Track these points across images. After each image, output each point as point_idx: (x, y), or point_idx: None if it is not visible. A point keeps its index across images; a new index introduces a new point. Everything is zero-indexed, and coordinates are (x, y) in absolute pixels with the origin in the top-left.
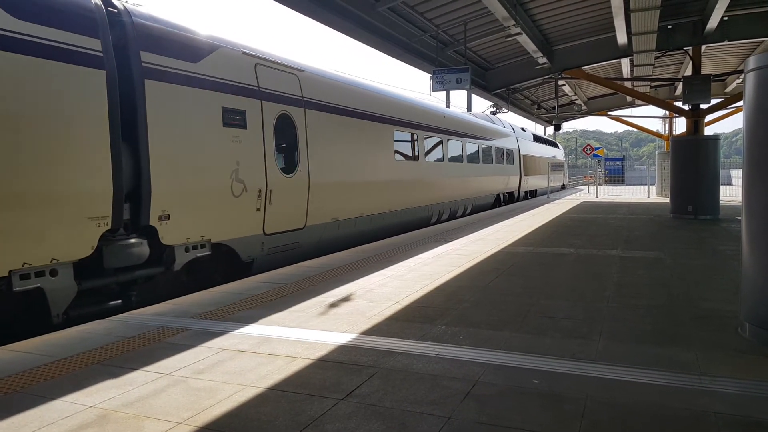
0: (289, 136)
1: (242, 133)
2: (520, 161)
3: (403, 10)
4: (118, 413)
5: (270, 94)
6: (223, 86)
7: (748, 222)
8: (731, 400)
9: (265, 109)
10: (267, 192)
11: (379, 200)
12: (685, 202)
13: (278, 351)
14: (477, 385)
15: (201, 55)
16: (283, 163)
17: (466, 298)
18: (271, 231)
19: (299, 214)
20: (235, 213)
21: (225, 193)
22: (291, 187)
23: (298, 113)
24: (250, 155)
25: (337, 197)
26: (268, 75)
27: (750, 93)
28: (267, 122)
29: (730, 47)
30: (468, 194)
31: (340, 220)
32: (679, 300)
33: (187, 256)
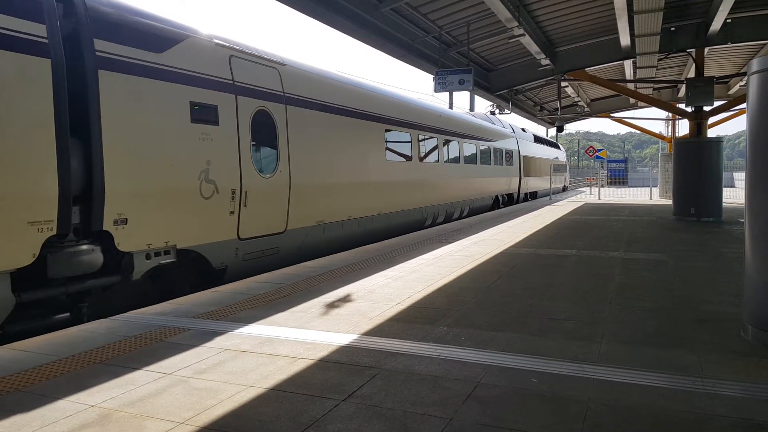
0: (267, 134)
1: (213, 130)
2: (519, 162)
3: (406, 11)
4: (119, 413)
5: (246, 89)
6: (191, 79)
7: (751, 224)
8: (734, 403)
9: (240, 104)
10: (242, 194)
11: (369, 202)
12: (688, 204)
13: (280, 351)
14: (479, 387)
15: (166, 45)
16: (260, 162)
17: (468, 299)
18: (246, 235)
19: (279, 218)
20: (204, 216)
21: (193, 195)
22: (270, 189)
23: (279, 110)
24: (223, 154)
25: (322, 199)
26: (245, 68)
27: (753, 95)
28: (242, 119)
29: (734, 49)
30: (465, 196)
31: (325, 224)
32: (681, 302)
33: (149, 263)
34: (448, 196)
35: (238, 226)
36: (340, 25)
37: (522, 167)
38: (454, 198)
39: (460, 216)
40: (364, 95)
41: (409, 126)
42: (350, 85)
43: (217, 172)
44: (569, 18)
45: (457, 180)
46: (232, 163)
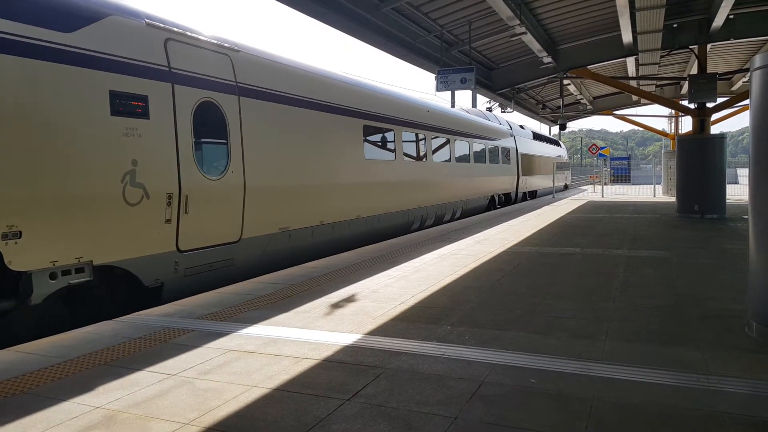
0: (215, 130)
1: (142, 125)
2: (517, 160)
3: (408, 10)
4: (124, 414)
5: (186, 77)
6: (112, 65)
7: (755, 221)
8: (739, 400)
9: (178, 95)
10: (181, 198)
11: (345, 205)
12: (692, 201)
13: (284, 351)
14: (483, 386)
15: (78, 24)
16: (206, 162)
17: (471, 298)
18: (189, 247)
19: (232, 225)
20: (130, 226)
21: (113, 202)
22: (218, 192)
23: (230, 102)
24: (155, 153)
25: (287, 203)
26: (186, 53)
27: (756, 91)
28: (182, 111)
29: (736, 45)
30: (457, 197)
31: (291, 230)
32: (685, 299)
33: (53, 284)
34: (438, 197)
35: (177, 236)
36: (341, 25)
37: (520, 165)
38: (444, 199)
39: (452, 218)
40: (338, 87)
41: (392, 122)
42: (321, 76)
43: (146, 173)
44: (571, 16)
45: (447, 180)
46: (167, 163)
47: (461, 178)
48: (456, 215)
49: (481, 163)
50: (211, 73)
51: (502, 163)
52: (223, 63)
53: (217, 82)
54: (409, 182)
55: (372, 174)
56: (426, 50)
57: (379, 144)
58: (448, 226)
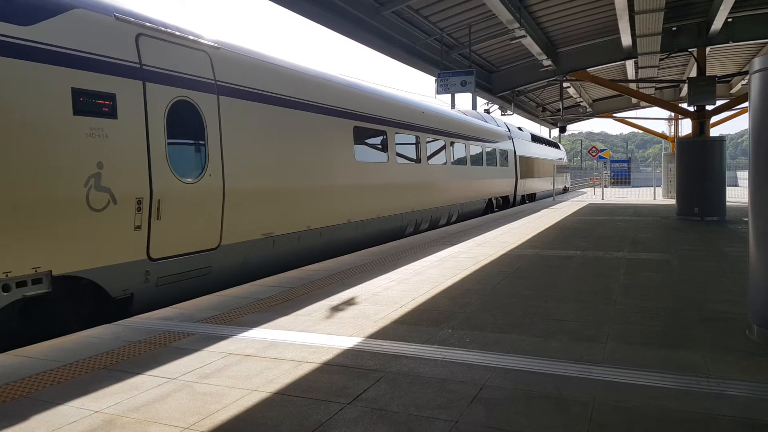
0: (192, 130)
1: (109, 125)
2: (515, 163)
3: (408, 13)
4: (124, 418)
5: (160, 75)
6: (75, 60)
7: (755, 223)
8: (740, 403)
9: (150, 93)
10: (153, 203)
11: (334, 210)
12: (692, 204)
13: (284, 355)
14: (484, 389)
15: (37, 17)
16: (181, 164)
17: (472, 301)
18: (161, 254)
19: (210, 231)
20: (95, 233)
21: (76, 207)
22: (195, 196)
23: (208, 101)
24: (123, 154)
25: (271, 208)
26: (159, 50)
27: (755, 94)
28: (154, 111)
29: (735, 48)
30: (453, 200)
31: (275, 236)
32: (686, 302)
33: (6, 297)
34: (434, 200)
35: (149, 244)
36: (342, 29)
37: (518, 168)
38: (440, 202)
39: (448, 222)
40: (327, 87)
41: (385, 123)
42: (309, 75)
43: (113, 177)
44: (570, 19)
45: (443, 183)
46: (136, 165)
47: (457, 181)
48: (452, 219)
49: (478, 166)
50: (188, 71)
51: (499, 165)
52: (201, 60)
53: (194, 80)
54: (403, 185)
55: (363, 177)
56: (426, 53)
57: (371, 146)
58: (448, 229)
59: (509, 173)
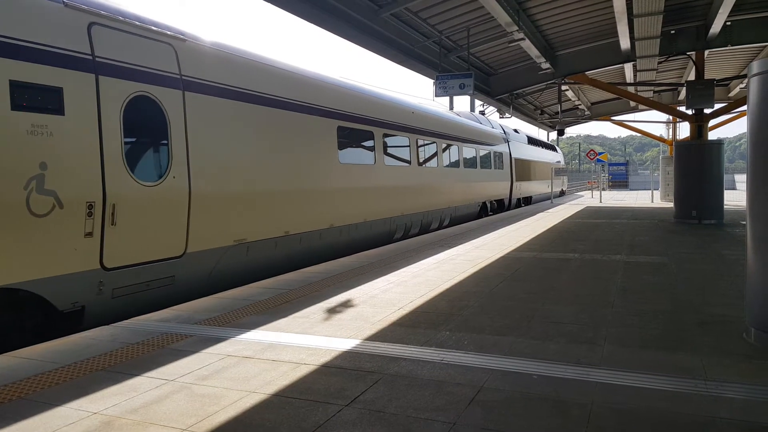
0: (153, 128)
1: (54, 122)
2: (511, 166)
3: (406, 16)
4: (122, 420)
5: (115, 67)
6: (13, 50)
7: (753, 226)
8: (738, 406)
9: (104, 87)
10: (106, 208)
11: (316, 214)
12: (689, 207)
13: (282, 357)
14: (482, 391)
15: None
16: (140, 165)
17: (470, 303)
18: (117, 263)
19: (173, 237)
20: (38, 241)
21: (14, 212)
22: (156, 200)
23: (172, 97)
24: (71, 154)
25: (245, 212)
26: (115, 41)
27: (753, 97)
28: (108, 107)
29: (734, 52)
30: (445, 203)
31: (249, 243)
32: (684, 305)
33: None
34: (424, 204)
35: (102, 252)
36: (340, 31)
37: (514, 171)
38: (431, 206)
39: (440, 226)
40: (308, 85)
41: (372, 123)
42: (288, 72)
43: (58, 179)
44: (569, 22)
45: (435, 185)
46: (87, 166)
47: (450, 184)
48: (444, 223)
49: (472, 168)
50: (149, 64)
51: (494, 168)
52: (165, 53)
53: (156, 75)
54: (392, 188)
55: (348, 179)
56: (424, 56)
57: (357, 147)
58: (445, 232)
59: (504, 176)
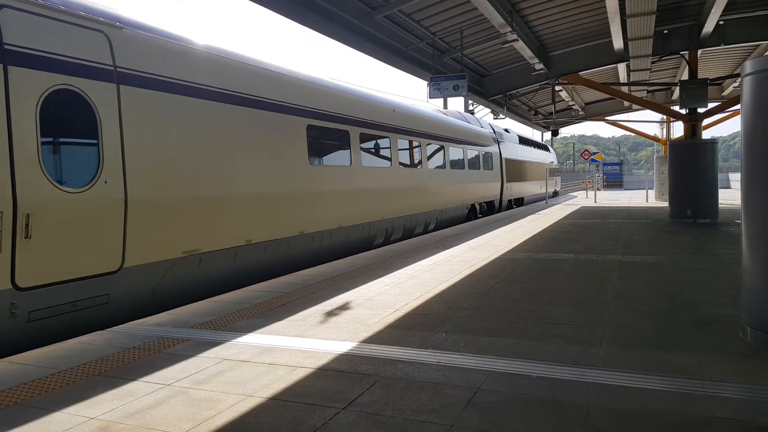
0: (79, 127)
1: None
2: (501, 166)
3: (400, 18)
4: (119, 425)
5: (30, 57)
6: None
7: (748, 225)
8: (734, 405)
9: (14, 79)
10: (18, 218)
11: (283, 220)
12: (684, 206)
13: (279, 360)
14: (479, 393)
15: None
16: (63, 169)
17: (466, 305)
18: (34, 282)
19: (107, 250)
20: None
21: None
22: (84, 208)
23: (103, 91)
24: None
25: (196, 220)
26: (31, 26)
27: (747, 97)
28: (20, 102)
29: (727, 51)
30: (430, 206)
31: (202, 254)
32: (679, 304)
33: None
34: (407, 207)
35: (13, 269)
36: (333, 33)
37: (504, 171)
38: (415, 209)
39: (425, 230)
40: (272, 80)
41: (347, 122)
42: (249, 66)
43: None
44: (562, 22)
45: (418, 188)
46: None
47: (435, 186)
48: (430, 227)
49: (459, 169)
50: (74, 54)
51: (483, 168)
52: (96, 41)
53: (84, 66)
54: (370, 191)
55: (319, 182)
56: (418, 57)
57: (330, 147)
58: (441, 233)
59: (494, 177)
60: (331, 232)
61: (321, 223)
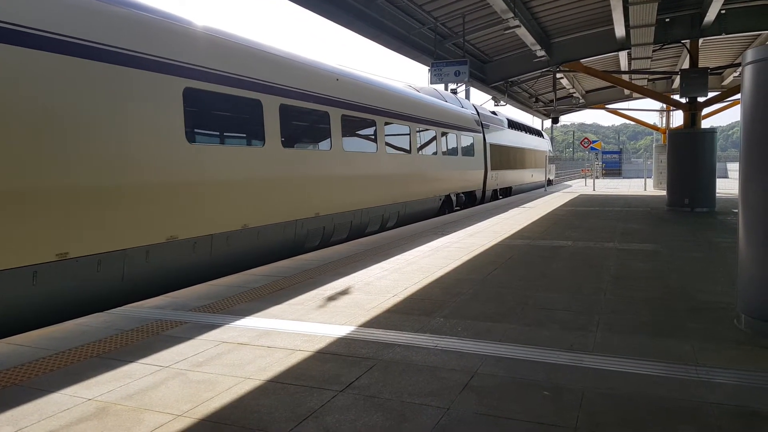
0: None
1: None
2: (485, 152)
3: (402, 2)
4: (117, 406)
5: None
6: None
7: (745, 214)
8: (728, 391)
9: None
10: None
11: (144, 221)
12: (682, 195)
13: (277, 344)
14: (476, 377)
15: None
16: None
17: (464, 290)
18: None
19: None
20: None
21: None
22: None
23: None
24: None
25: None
26: None
27: (747, 86)
28: None
29: (728, 40)
30: (388, 198)
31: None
32: (675, 292)
33: None
34: (354, 200)
35: None
36: (335, 17)
37: (489, 158)
38: (366, 203)
39: (383, 228)
40: (122, 18)
41: (260, 88)
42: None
43: None
44: (564, 9)
45: (370, 176)
46: None
47: (394, 174)
48: (389, 224)
49: (430, 155)
50: None
51: (462, 154)
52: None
53: None
54: (295, 181)
55: (203, 168)
56: (420, 42)
57: (225, 121)
58: (440, 219)
59: (476, 164)
60: (229, 236)
61: (206, 226)
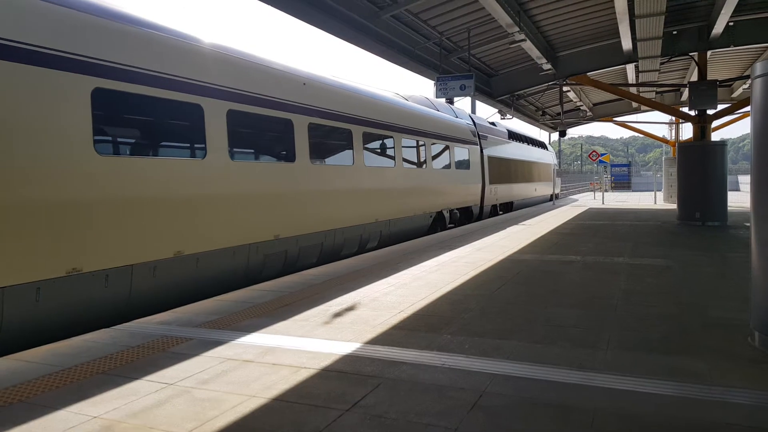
0: None
1: None
2: (483, 165)
3: (407, 17)
4: (122, 424)
5: None
6: None
7: (757, 228)
8: (743, 411)
9: None
10: None
11: (64, 249)
12: (693, 209)
13: (283, 361)
14: (484, 396)
15: None
16: None
17: (472, 306)
18: None
19: None
20: None
21: None
22: None
23: None
24: None
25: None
26: None
27: (757, 99)
28: None
29: (737, 52)
30: (369, 216)
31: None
32: (688, 308)
33: None
34: (326, 219)
35: None
36: (342, 33)
37: (487, 172)
38: (341, 221)
39: (362, 249)
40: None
41: (200, 91)
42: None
43: None
44: (570, 22)
45: (346, 191)
46: None
47: (375, 189)
48: (369, 245)
49: (418, 168)
50: None
51: (456, 167)
52: None
53: None
54: (253, 198)
55: (130, 184)
56: (425, 57)
57: (166, 131)
58: (447, 234)
59: (472, 177)
60: (172, 264)
61: (155, 251)
